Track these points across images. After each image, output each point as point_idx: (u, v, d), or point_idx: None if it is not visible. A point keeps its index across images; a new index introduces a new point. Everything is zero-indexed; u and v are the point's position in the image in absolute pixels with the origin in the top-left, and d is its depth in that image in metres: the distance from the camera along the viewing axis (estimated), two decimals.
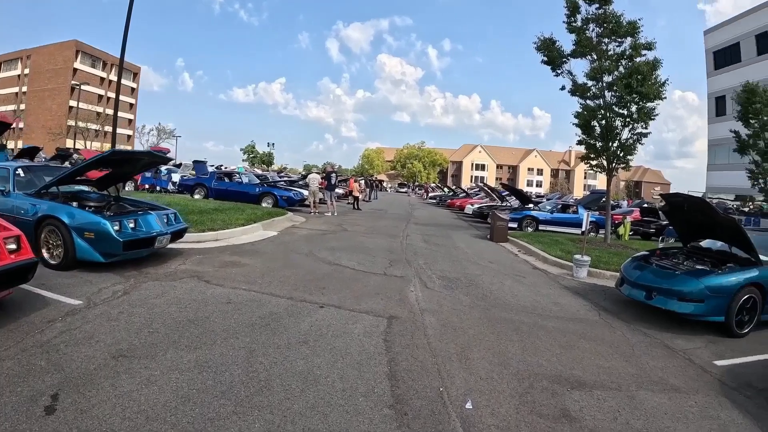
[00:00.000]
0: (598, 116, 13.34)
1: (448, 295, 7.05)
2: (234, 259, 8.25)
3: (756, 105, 16.51)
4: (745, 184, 36.72)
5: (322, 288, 6.80)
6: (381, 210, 25.66)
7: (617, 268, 9.98)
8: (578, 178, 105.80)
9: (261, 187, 19.51)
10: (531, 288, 8.26)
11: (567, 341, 5.54)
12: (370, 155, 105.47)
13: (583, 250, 9.95)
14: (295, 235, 12.18)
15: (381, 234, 13.81)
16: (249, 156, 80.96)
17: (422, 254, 10.58)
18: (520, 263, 10.89)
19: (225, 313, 5.29)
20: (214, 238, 10.07)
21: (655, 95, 12.80)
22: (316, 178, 19.77)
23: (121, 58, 13.64)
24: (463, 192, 40.95)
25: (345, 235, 12.96)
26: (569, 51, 13.99)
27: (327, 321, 5.36)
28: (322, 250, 10.03)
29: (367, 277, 7.83)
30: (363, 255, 9.79)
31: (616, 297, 8.04)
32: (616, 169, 13.82)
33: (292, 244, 10.55)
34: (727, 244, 7.54)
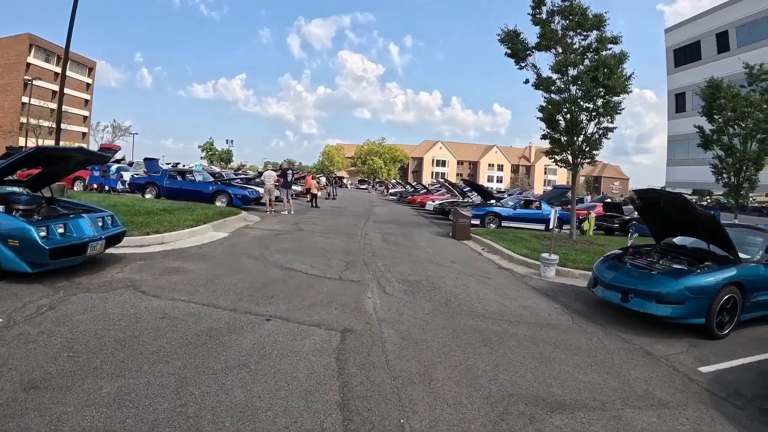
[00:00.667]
0: (563, 110, 13.10)
1: (409, 302, 6.46)
2: (177, 265, 7.55)
3: (720, 101, 16.76)
4: (704, 179, 38.13)
5: (271, 297, 6.11)
6: (340, 208, 24.94)
7: (586, 266, 9.74)
8: (538, 173, 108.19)
9: (215, 186, 18.75)
10: (497, 290, 7.78)
11: (541, 352, 5.04)
12: (331, 152, 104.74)
13: (550, 249, 9.59)
14: (247, 236, 11.38)
15: (338, 233, 13.13)
16: (207, 153, 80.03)
17: (381, 255, 9.97)
18: (485, 263, 10.44)
19: (158, 330, 4.62)
20: (160, 242, 9.41)
21: (621, 89, 12.68)
22: (272, 176, 18.90)
23: (66, 49, 12.43)
24: (423, 188, 40.67)
25: (300, 235, 12.21)
26: (534, 44, 13.71)
27: (273, 337, 4.70)
28: (274, 252, 9.29)
29: (321, 282, 7.15)
30: (318, 257, 9.10)
31: (588, 298, 7.69)
32: (581, 164, 13.63)
33: (243, 247, 9.79)
34: (704, 241, 7.26)
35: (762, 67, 17.25)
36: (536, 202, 19.51)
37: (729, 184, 17.90)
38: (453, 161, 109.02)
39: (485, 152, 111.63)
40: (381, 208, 27.36)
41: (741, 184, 17.57)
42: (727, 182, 17.94)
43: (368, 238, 12.46)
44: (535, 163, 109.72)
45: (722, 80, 17.52)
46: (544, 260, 9.26)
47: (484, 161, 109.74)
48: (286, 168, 19.95)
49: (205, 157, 79.28)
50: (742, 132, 16.90)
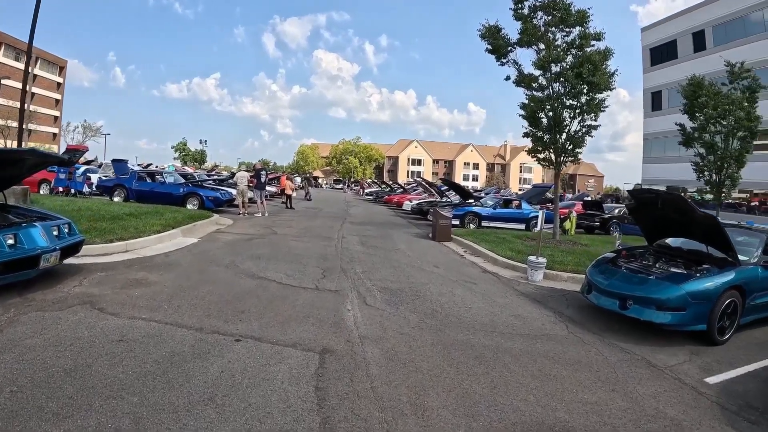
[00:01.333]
0: (546, 107, 12.86)
1: (393, 314, 6.01)
2: (141, 276, 6.98)
3: (702, 98, 16.86)
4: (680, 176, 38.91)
5: (241, 312, 5.60)
6: (315, 209, 24.37)
7: (574, 268, 9.49)
8: (514, 171, 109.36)
9: (185, 188, 18.12)
10: (485, 297, 7.41)
11: (540, 369, 4.67)
12: (305, 151, 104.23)
13: (537, 251, 9.28)
14: (219, 241, 10.79)
15: (314, 237, 12.61)
16: (180, 154, 79.14)
17: (360, 260, 9.50)
18: (469, 266, 10.09)
19: (113, 357, 4.09)
20: (124, 249, 8.80)
21: (605, 86, 12.53)
22: (245, 176, 18.23)
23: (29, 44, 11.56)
24: (400, 187, 40.35)
25: (274, 239, 11.66)
26: (516, 39, 13.44)
27: (243, 361, 4.21)
28: (247, 259, 8.74)
29: (296, 293, 6.65)
30: (293, 264, 8.58)
31: (580, 303, 7.41)
32: (564, 162, 13.43)
33: (213, 253, 9.21)
34: (702, 243, 7.03)
35: (743, 65, 17.45)
36: (516, 201, 19.33)
37: (710, 182, 18.03)
38: (429, 160, 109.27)
39: (461, 151, 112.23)
40: (357, 209, 26.89)
41: (723, 181, 17.73)
42: (709, 180, 18.09)
43: (345, 242, 11.98)
44: (511, 161, 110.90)
45: (703, 78, 17.65)
46: (532, 264, 8.95)
47: (459, 160, 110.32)
48: (259, 168, 19.33)
49: (178, 157, 78.74)
50: (724, 130, 17.06)
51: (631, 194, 7.66)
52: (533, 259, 8.99)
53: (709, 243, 6.90)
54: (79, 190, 21.44)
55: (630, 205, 7.78)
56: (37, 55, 72.93)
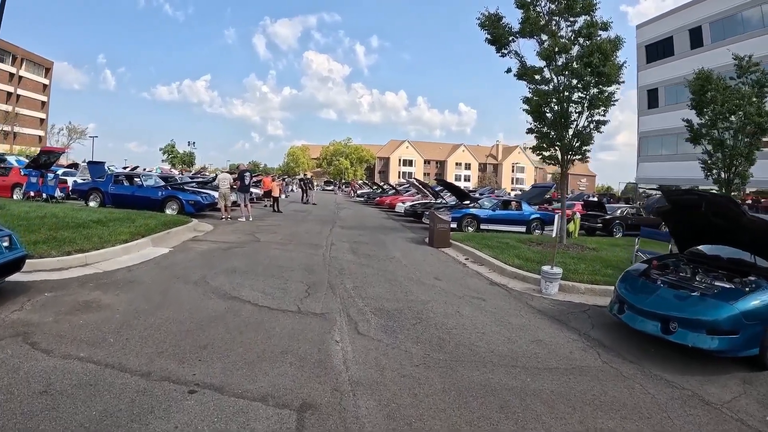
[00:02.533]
0: (553, 101, 11.86)
1: (391, 346, 4.92)
2: (93, 298, 5.91)
3: (711, 93, 16.01)
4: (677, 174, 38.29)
5: (203, 347, 4.52)
6: (303, 212, 23.24)
7: (591, 278, 8.51)
8: (506, 171, 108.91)
9: (164, 191, 16.92)
10: (498, 318, 6.35)
11: (581, 420, 3.66)
12: (296, 153, 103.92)
13: (552, 260, 8.25)
14: (192, 251, 9.69)
15: (300, 244, 11.50)
16: (169, 156, 78.50)
17: (350, 272, 8.41)
18: (473, 277, 9.03)
19: (29, 418, 3.06)
20: (83, 263, 7.77)
21: (615, 77, 11.59)
22: (227, 179, 17.05)
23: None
24: (392, 189, 39.29)
25: (255, 247, 10.55)
26: (518, 29, 12.43)
27: (195, 426, 3.13)
28: (220, 274, 7.65)
29: (274, 318, 5.56)
30: (273, 279, 7.48)
31: (604, 321, 6.45)
32: (571, 161, 12.45)
33: (183, 267, 8.11)
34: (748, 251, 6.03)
35: (751, 59, 16.62)
36: (515, 202, 18.34)
37: (719, 180, 17.22)
38: (420, 161, 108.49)
39: (452, 151, 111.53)
40: (348, 211, 25.79)
41: (732, 179, 16.91)
42: (717, 178, 17.27)
43: (334, 250, 10.88)
44: (503, 161, 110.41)
45: (711, 72, 16.81)
46: (546, 275, 7.92)
47: (451, 160, 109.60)
48: (243, 170, 18.15)
49: (166, 160, 77.76)
50: (733, 126, 16.23)
51: (667, 196, 6.66)
52: (547, 269, 7.96)
53: (759, 252, 5.91)
54: (51, 194, 20.23)
55: (662, 208, 6.77)
56: (22, 56, 71.64)
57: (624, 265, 10.33)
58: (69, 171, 25.23)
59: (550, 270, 7.94)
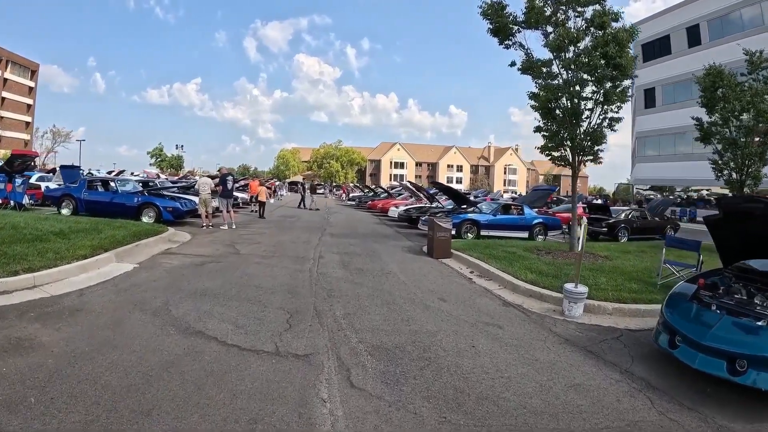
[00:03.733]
0: (565, 95, 10.76)
1: (395, 406, 3.74)
2: (28, 334, 4.77)
3: (723, 90, 15.12)
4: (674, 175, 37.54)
5: (147, 413, 3.40)
6: (292, 217, 22.01)
7: (617, 295, 7.48)
8: (498, 173, 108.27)
9: (140, 197, 15.59)
10: (521, 353, 5.21)
11: None
12: (286, 156, 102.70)
13: (576, 277, 7.11)
14: (160, 268, 8.45)
15: (285, 257, 10.29)
16: (157, 160, 76.23)
17: (340, 293, 7.19)
18: (483, 296, 7.85)
19: None
20: (30, 284, 6.62)
21: (630, 69, 10.58)
22: (207, 183, 15.80)
23: None
24: (384, 192, 38.13)
25: (233, 262, 9.32)
26: (522, 18, 11.35)
27: None
28: (187, 298, 6.44)
29: (244, 364, 4.37)
30: (249, 305, 6.27)
31: (643, 351, 5.46)
32: (583, 162, 11.38)
33: (145, 289, 6.88)
34: None
35: (761, 55, 15.72)
36: (518, 206, 17.23)
37: (731, 181, 16.30)
38: (411, 163, 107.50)
39: (444, 153, 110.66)
40: (338, 216, 24.57)
41: (744, 180, 15.98)
42: (729, 179, 16.36)
43: (323, 264, 9.66)
44: (495, 163, 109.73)
45: (723, 67, 15.89)
46: (570, 294, 6.79)
47: (443, 162, 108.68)
48: (225, 174, 16.92)
49: (154, 163, 76.03)
50: (745, 124, 15.31)
51: (722, 205, 5.56)
52: (571, 288, 6.83)
53: None
54: (19, 201, 18.86)
55: (713, 218, 5.68)
56: (7, 58, 69.81)
57: (647, 276, 9.27)
58: (45, 176, 23.87)
59: (575, 289, 6.81)
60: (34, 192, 20.01)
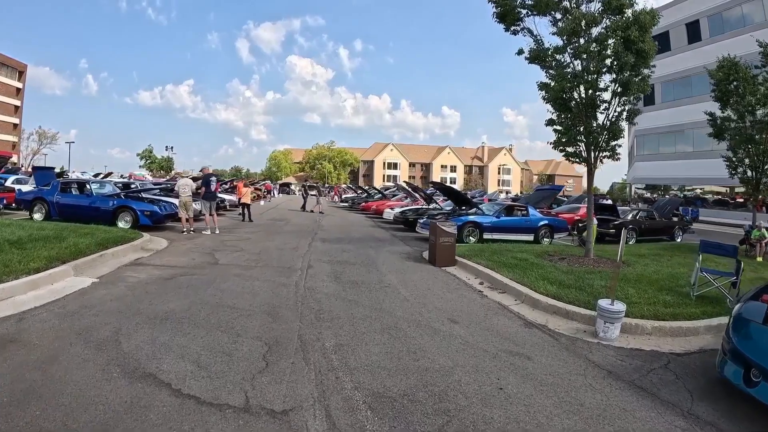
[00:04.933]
0: (583, 84, 9.66)
1: None
2: None
3: (738, 83, 14.19)
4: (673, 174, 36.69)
5: None
6: (281, 220, 20.77)
7: (653, 311, 6.57)
8: (492, 173, 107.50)
9: (116, 200, 14.37)
10: (560, 395, 4.08)
11: None
12: (278, 157, 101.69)
13: (613, 293, 6.00)
14: (123, 284, 7.24)
15: (269, 267, 9.09)
16: (146, 162, 74.77)
17: (331, 316, 6.00)
18: (499, 314, 6.69)
19: None
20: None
21: (652, 56, 9.55)
22: (188, 184, 14.54)
23: None
24: (378, 192, 36.95)
25: (209, 275, 8.10)
26: (531, 2, 10.27)
27: None
28: (144, 325, 5.27)
29: (201, 426, 3.20)
30: (217, 334, 5.07)
31: (700, 384, 4.49)
32: (601, 159, 10.30)
33: (97, 313, 5.68)
34: None
35: None
36: (522, 207, 16.13)
37: (746, 179, 15.36)
38: (405, 163, 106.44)
39: (438, 153, 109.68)
40: (330, 219, 23.35)
41: (760, 178, 15.05)
42: (743, 177, 15.42)
43: (312, 275, 8.46)
44: (489, 163, 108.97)
45: (738, 59, 14.94)
46: (605, 313, 5.68)
47: (436, 163, 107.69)
48: (208, 174, 15.65)
49: (144, 165, 74.41)
50: (763, 119, 14.38)
51: None
52: (606, 305, 5.72)
53: None
54: None
55: None
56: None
57: (676, 285, 8.21)
58: (22, 178, 22.57)
59: (611, 307, 5.70)
60: (4, 196, 18.68)
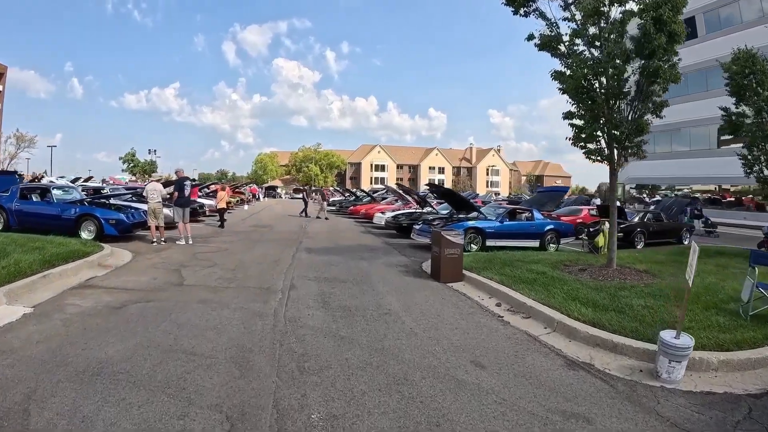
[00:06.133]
0: (611, 69, 8.43)
1: None
2: None
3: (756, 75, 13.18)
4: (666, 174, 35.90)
5: None
6: (264, 227, 19.31)
7: (714, 339, 5.32)
8: (480, 175, 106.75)
9: (78, 207, 12.88)
10: None
11: None
12: (264, 160, 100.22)
13: (680, 325, 4.73)
14: (59, 316, 5.81)
15: (243, 289, 7.65)
16: (129, 165, 74.70)
17: (318, 365, 4.56)
18: (530, 349, 5.33)
19: None
20: None
21: (682, 39, 8.41)
22: (157, 189, 13.02)
23: None
24: (367, 195, 35.58)
25: (169, 300, 6.66)
26: None
27: None
28: (68, 384, 3.90)
29: None
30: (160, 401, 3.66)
31: None
32: (626, 157, 9.10)
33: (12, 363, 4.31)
34: None
35: None
36: (527, 211, 14.91)
37: (762, 178, 14.38)
38: (392, 165, 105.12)
39: (425, 155, 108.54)
40: (317, 224, 21.94)
41: None
42: (759, 176, 14.45)
43: (295, 300, 7.03)
44: (477, 164, 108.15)
45: (756, 50, 13.96)
46: (671, 349, 4.44)
47: (424, 164, 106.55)
48: (181, 178, 14.13)
49: (126, 169, 73.37)
50: None
51: None
52: (670, 339, 4.48)
53: None
54: None
55: None
56: None
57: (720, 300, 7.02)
58: None
59: (677, 342, 4.45)
60: None
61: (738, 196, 34.16)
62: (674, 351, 4.48)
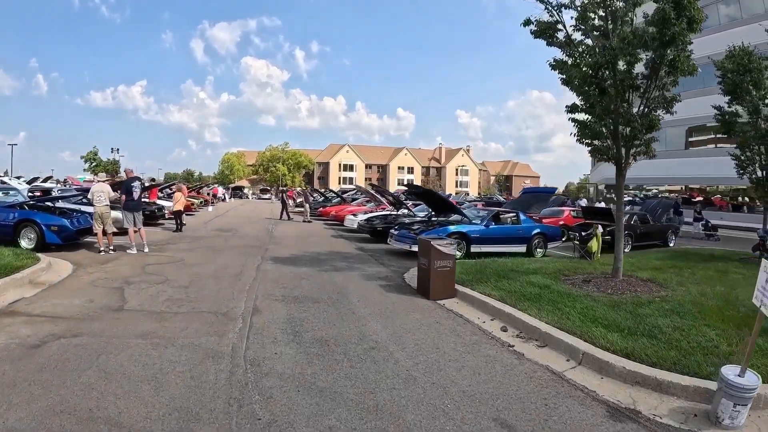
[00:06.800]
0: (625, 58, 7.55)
1: None
2: None
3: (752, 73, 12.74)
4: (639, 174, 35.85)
5: None
6: (227, 231, 17.89)
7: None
8: (450, 174, 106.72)
9: (17, 212, 11.40)
10: None
11: None
12: (231, 159, 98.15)
13: (746, 359, 3.79)
14: None
15: (194, 314, 6.34)
16: (91, 165, 71.99)
17: None
18: (561, 395, 4.27)
19: None
20: None
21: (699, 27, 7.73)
22: (103, 191, 11.51)
23: None
24: (337, 196, 34.34)
25: (101, 337, 5.28)
26: None
27: None
28: None
29: None
30: None
31: None
32: (633, 156, 8.24)
33: None
34: None
35: None
36: (512, 213, 14.03)
37: (756, 179, 13.96)
38: (361, 165, 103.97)
39: (394, 155, 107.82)
40: (285, 228, 20.61)
41: None
42: (752, 176, 14.03)
43: (258, 330, 5.78)
44: (446, 164, 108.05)
45: (753, 48, 13.52)
46: (735, 390, 3.55)
47: (393, 164, 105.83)
48: (130, 178, 12.58)
49: (88, 168, 70.66)
50: None
51: None
52: (734, 378, 3.58)
53: None
54: None
55: None
56: None
57: (747, 315, 6.20)
58: None
59: (743, 381, 3.53)
60: None
61: (707, 196, 34.49)
62: (741, 393, 3.57)
